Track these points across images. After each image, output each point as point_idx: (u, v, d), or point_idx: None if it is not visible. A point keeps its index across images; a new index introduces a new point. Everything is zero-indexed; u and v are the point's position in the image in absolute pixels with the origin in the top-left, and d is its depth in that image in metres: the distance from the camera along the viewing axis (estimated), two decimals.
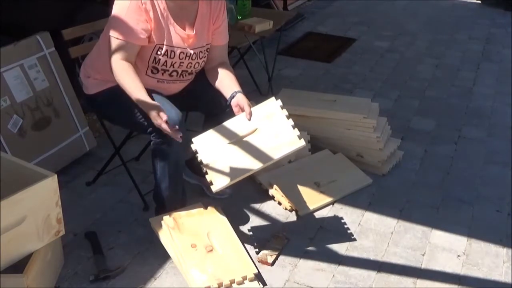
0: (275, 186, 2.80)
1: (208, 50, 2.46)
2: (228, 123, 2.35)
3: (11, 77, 2.74)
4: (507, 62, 4.91)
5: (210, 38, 2.46)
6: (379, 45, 5.27)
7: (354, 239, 2.56)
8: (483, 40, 5.52)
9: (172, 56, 2.33)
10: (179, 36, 2.33)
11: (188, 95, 2.51)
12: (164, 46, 2.31)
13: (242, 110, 2.31)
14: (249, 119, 2.29)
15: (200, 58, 2.43)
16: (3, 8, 2.95)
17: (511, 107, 4.02)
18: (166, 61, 2.34)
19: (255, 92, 4.01)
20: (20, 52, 2.79)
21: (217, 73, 2.48)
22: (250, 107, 2.30)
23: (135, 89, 2.22)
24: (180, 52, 2.35)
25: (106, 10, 3.20)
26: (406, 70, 4.67)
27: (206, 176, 2.27)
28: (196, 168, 2.75)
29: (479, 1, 6.91)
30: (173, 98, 2.40)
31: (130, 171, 2.73)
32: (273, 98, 2.40)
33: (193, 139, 2.35)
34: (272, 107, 2.37)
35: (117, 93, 2.31)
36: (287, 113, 2.34)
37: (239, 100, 2.34)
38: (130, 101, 2.32)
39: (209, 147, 2.32)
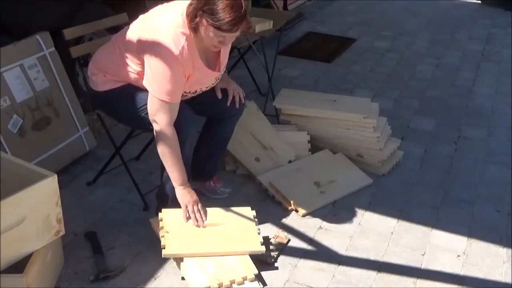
0: (275, 186, 2.80)
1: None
2: None
3: (11, 77, 2.74)
4: (507, 62, 4.91)
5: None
6: (379, 45, 5.27)
7: (354, 239, 2.57)
8: (483, 40, 5.52)
9: (204, 90, 2.44)
10: (211, 77, 2.40)
11: (197, 104, 2.51)
12: (198, 90, 2.40)
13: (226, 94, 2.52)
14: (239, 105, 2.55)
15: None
16: (3, 8, 2.95)
17: (511, 107, 4.02)
18: (196, 90, 2.41)
19: (255, 92, 4.02)
20: (20, 52, 2.79)
21: None
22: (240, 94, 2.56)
23: (176, 172, 2.31)
24: (211, 85, 2.45)
25: (106, 10, 3.22)
26: (406, 70, 4.67)
27: (161, 238, 2.26)
28: (194, 174, 2.75)
29: (479, 1, 6.91)
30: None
31: (130, 171, 2.73)
32: (249, 208, 2.49)
33: (163, 210, 2.39)
34: (246, 215, 2.47)
35: (127, 91, 2.34)
36: (258, 228, 2.41)
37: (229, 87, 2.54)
38: (137, 99, 2.33)
39: (174, 220, 2.35)
